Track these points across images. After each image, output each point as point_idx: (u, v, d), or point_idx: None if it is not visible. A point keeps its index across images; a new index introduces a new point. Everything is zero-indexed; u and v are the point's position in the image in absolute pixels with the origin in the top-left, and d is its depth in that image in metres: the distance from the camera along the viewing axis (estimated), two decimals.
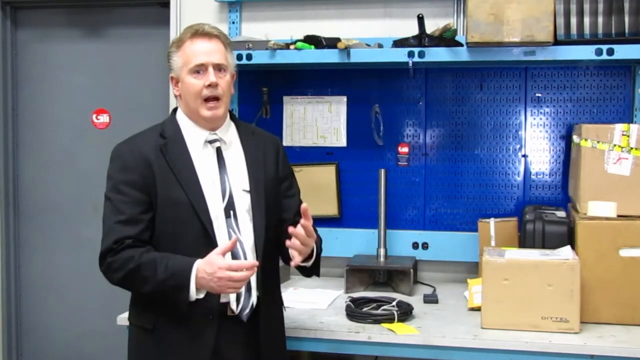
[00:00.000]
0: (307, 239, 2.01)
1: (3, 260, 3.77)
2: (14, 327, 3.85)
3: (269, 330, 2.15)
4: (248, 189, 2.12)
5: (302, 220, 1.99)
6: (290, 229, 2.00)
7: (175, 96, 2.18)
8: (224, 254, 1.95)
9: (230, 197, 2.09)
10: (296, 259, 2.02)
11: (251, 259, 2.06)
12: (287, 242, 2.02)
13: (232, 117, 2.24)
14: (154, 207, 2.05)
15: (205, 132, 2.13)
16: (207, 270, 1.91)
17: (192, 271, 1.93)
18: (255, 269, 1.96)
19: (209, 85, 2.06)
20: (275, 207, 2.18)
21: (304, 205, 2.01)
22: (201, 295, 1.96)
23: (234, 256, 2.04)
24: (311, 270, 2.19)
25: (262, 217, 2.11)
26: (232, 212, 2.08)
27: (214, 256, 1.93)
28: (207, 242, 2.03)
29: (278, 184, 2.23)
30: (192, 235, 2.03)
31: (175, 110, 2.21)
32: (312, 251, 2.10)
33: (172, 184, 2.05)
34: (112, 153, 2.12)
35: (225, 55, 2.13)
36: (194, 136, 2.13)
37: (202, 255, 2.00)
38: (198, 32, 2.10)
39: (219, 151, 2.13)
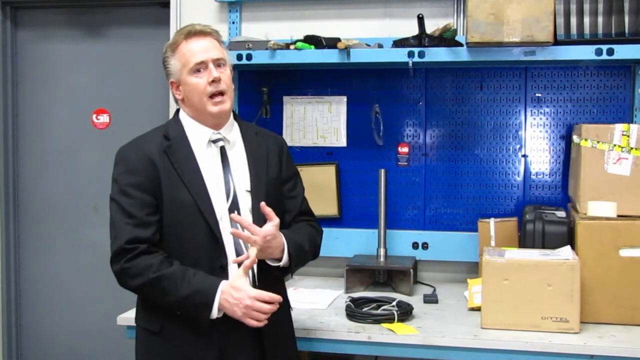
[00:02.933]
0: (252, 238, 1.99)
1: (3, 260, 3.77)
2: (14, 327, 3.85)
3: (275, 332, 2.14)
4: (249, 189, 2.13)
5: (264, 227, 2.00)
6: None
7: (177, 100, 2.17)
8: (246, 273, 1.97)
9: (235, 197, 2.09)
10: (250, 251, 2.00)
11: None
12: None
13: (235, 117, 2.24)
14: (160, 208, 2.04)
15: (209, 130, 2.13)
16: (233, 294, 1.93)
17: (217, 292, 1.95)
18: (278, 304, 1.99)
19: (213, 81, 2.06)
20: (277, 207, 2.17)
21: (262, 204, 2.01)
22: (220, 315, 1.97)
23: (237, 255, 2.04)
24: (283, 270, 2.14)
25: (263, 218, 2.10)
26: (236, 212, 2.07)
27: (242, 282, 1.95)
28: (213, 243, 2.03)
29: (281, 184, 2.22)
30: (198, 236, 2.03)
31: (178, 111, 2.20)
32: (283, 250, 2.07)
33: (178, 185, 2.04)
34: (117, 156, 2.11)
35: (222, 50, 2.13)
36: (198, 136, 2.12)
37: (209, 255, 2.02)
38: (191, 32, 2.10)
39: (222, 150, 2.13)
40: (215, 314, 1.96)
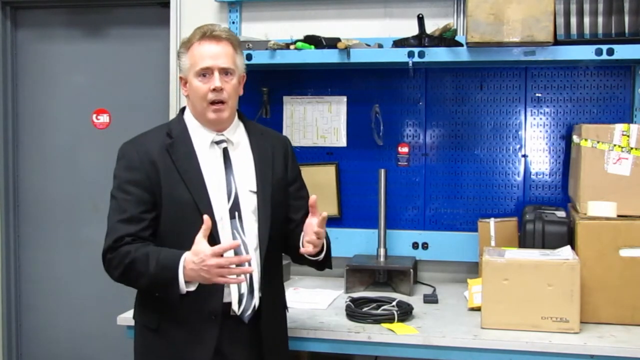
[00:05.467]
0: (321, 232, 2.03)
1: (3, 260, 3.77)
2: (14, 327, 3.85)
3: (272, 332, 2.15)
4: (255, 189, 2.12)
5: (315, 218, 2.03)
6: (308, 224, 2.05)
7: (185, 96, 2.18)
8: (205, 237, 1.90)
9: (236, 198, 2.08)
10: (309, 249, 2.04)
11: (254, 261, 2.07)
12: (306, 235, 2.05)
13: (241, 117, 2.23)
14: (158, 206, 2.04)
15: (212, 133, 2.13)
16: (194, 260, 1.89)
17: (180, 264, 1.91)
18: (248, 264, 1.97)
19: (214, 90, 2.06)
20: (282, 208, 2.18)
21: (312, 198, 2.04)
22: (192, 288, 1.93)
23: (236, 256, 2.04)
24: (323, 263, 2.19)
25: (268, 218, 2.10)
26: (237, 213, 2.07)
27: (198, 245, 1.89)
28: (211, 243, 2.00)
29: (286, 185, 2.22)
30: (196, 235, 2.02)
31: (183, 109, 2.20)
32: (323, 245, 2.11)
33: (177, 184, 2.04)
34: (119, 152, 2.12)
35: (234, 58, 2.11)
36: (200, 136, 2.12)
37: None
38: (206, 34, 2.09)
39: (225, 152, 2.13)
40: (183, 287, 1.91)
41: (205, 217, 1.93)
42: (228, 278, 1.90)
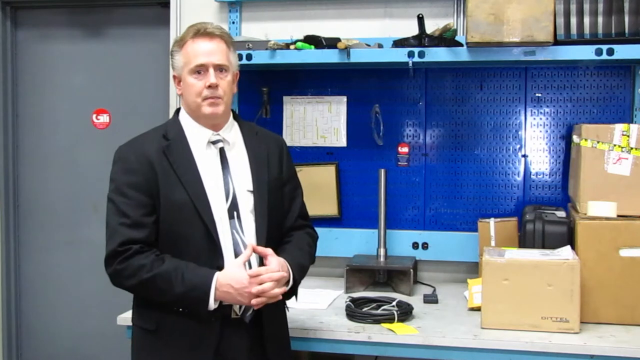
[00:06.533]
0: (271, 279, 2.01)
1: (3, 260, 3.77)
2: (14, 327, 3.85)
3: (274, 332, 2.14)
4: (251, 189, 2.12)
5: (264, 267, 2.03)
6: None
7: (178, 95, 2.18)
8: (245, 263, 1.99)
9: (234, 197, 2.08)
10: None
11: (254, 261, 2.07)
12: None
13: (236, 117, 2.23)
14: (157, 209, 2.04)
15: (208, 132, 2.12)
16: (232, 284, 1.95)
17: (212, 285, 1.95)
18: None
19: (209, 86, 2.06)
20: (278, 207, 2.18)
21: (252, 245, 2.04)
22: (216, 306, 1.99)
23: (237, 257, 2.04)
24: (288, 294, 2.15)
25: (265, 218, 2.10)
26: (235, 213, 2.07)
27: (238, 270, 1.97)
28: (211, 244, 2.02)
29: (282, 185, 2.22)
30: (195, 237, 2.02)
31: (178, 110, 2.20)
32: (289, 278, 2.08)
33: (175, 186, 2.04)
34: (115, 155, 2.11)
35: (228, 55, 2.12)
36: (197, 137, 2.12)
37: (206, 256, 2.01)
38: (200, 31, 2.09)
39: (222, 152, 2.13)
40: (212, 305, 1.97)
41: (250, 244, 2.02)
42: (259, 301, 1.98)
